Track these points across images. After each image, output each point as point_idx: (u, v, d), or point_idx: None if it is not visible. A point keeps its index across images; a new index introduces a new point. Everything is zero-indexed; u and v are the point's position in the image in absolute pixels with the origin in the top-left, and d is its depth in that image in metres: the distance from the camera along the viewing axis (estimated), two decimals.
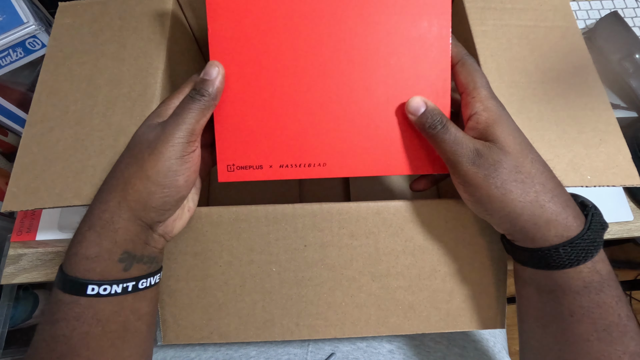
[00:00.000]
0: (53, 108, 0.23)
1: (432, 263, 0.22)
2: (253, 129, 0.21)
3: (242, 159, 0.21)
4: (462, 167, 0.18)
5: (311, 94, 0.21)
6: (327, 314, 0.23)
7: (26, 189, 0.21)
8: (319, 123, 0.21)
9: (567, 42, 0.24)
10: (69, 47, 0.25)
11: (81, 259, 0.17)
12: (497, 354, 0.31)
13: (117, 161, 0.19)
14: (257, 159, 0.21)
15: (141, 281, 0.18)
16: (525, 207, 0.17)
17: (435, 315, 0.23)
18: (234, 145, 0.21)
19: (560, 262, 0.17)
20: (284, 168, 0.21)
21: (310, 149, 0.21)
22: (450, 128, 0.19)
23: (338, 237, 0.22)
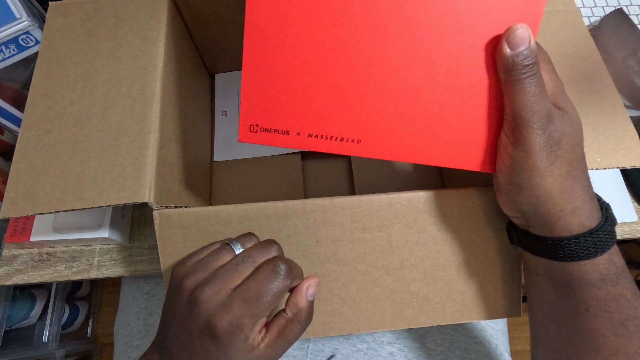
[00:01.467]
0: (49, 110, 0.23)
1: (446, 254, 0.23)
2: (285, 90, 0.19)
3: (268, 120, 0.19)
4: (528, 128, 0.16)
5: (355, 62, 0.18)
6: (342, 310, 0.23)
7: (25, 195, 0.21)
8: (360, 94, 0.19)
9: (569, 26, 0.25)
10: (62, 47, 0.25)
11: None
12: (500, 355, 0.32)
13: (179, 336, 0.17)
14: (285, 122, 0.19)
15: None
16: (561, 190, 0.17)
17: (451, 307, 0.23)
18: (261, 103, 0.19)
19: (579, 254, 0.17)
20: (312, 138, 0.19)
21: (346, 122, 0.19)
22: (540, 80, 0.17)
23: (350, 232, 0.22)
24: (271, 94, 0.19)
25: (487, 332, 0.33)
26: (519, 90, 0.17)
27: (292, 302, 0.18)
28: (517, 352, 0.89)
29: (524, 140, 0.17)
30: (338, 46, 0.18)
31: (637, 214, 0.34)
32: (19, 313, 0.63)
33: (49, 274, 0.31)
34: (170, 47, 0.26)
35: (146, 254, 0.32)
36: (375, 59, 0.18)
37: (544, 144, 0.17)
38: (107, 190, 0.21)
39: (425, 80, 0.18)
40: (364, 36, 0.18)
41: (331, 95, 0.19)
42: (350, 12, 0.18)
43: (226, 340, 0.16)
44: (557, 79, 0.18)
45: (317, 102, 0.19)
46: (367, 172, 0.35)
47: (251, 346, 0.17)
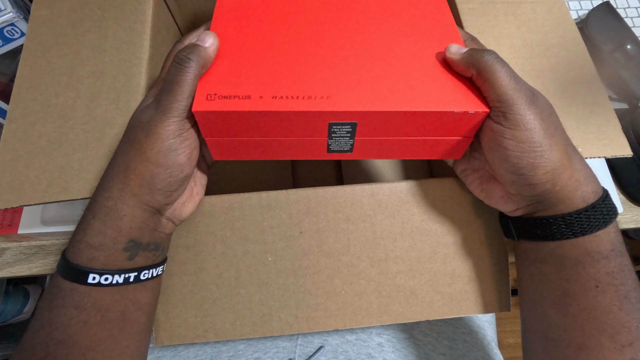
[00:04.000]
0: (34, 102, 0.25)
1: (431, 245, 0.24)
2: (243, 58, 0.19)
3: (226, 88, 0.18)
4: (520, 106, 0.17)
5: (315, 21, 0.20)
6: (327, 304, 0.24)
7: (10, 186, 0.22)
8: (321, 56, 0.19)
9: (554, 16, 0.26)
10: (47, 39, 0.27)
11: (85, 247, 0.18)
12: (486, 345, 0.33)
13: (117, 147, 0.20)
14: (245, 88, 0.18)
15: (143, 272, 0.19)
16: (570, 159, 0.18)
17: (439, 300, 0.24)
18: (217, 73, 0.19)
19: (597, 223, 0.18)
20: (277, 99, 0.18)
21: (312, 80, 0.18)
22: (506, 63, 0.18)
23: (334, 222, 0.24)
24: (228, 64, 0.19)
25: (475, 323, 0.34)
26: (494, 73, 0.18)
27: None
28: (510, 345, 0.91)
29: (521, 119, 0.17)
30: (296, 8, 0.20)
31: (622, 206, 0.35)
32: (12, 309, 0.65)
33: (38, 267, 0.32)
34: (155, 39, 0.28)
35: None
36: (330, 32, 0.20)
37: (540, 118, 0.17)
38: (92, 182, 0.22)
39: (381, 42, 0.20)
40: (316, 22, 0.20)
41: (294, 58, 0.19)
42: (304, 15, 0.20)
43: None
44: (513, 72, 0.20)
45: (278, 67, 0.19)
46: (356, 163, 0.37)
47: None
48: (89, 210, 0.18)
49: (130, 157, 0.18)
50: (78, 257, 0.18)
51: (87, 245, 0.18)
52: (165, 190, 0.19)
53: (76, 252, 0.18)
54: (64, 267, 0.18)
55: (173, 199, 0.20)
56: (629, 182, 0.36)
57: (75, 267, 0.18)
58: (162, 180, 0.18)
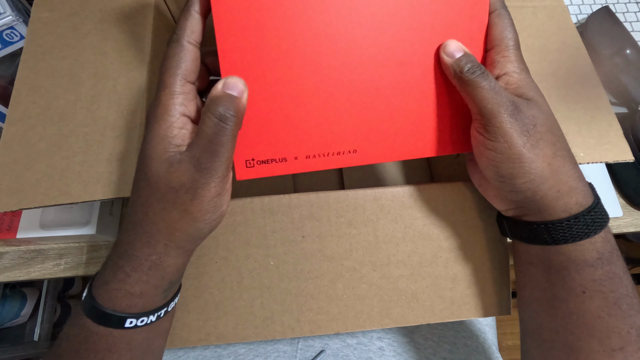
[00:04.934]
0: (34, 105, 0.25)
1: (432, 249, 0.24)
2: (273, 119, 0.20)
3: (262, 152, 0.20)
4: (499, 119, 0.18)
5: (335, 79, 0.20)
6: (329, 308, 0.24)
7: (9, 190, 0.22)
8: (346, 108, 0.20)
9: (555, 21, 0.27)
10: (47, 41, 0.27)
11: (124, 295, 0.18)
12: (487, 349, 0.34)
13: (141, 201, 0.18)
14: (280, 150, 0.20)
15: (170, 305, 0.20)
16: (554, 171, 0.18)
17: (440, 304, 0.25)
18: (251, 137, 0.20)
19: (579, 233, 0.18)
20: (311, 159, 0.20)
21: (339, 136, 0.20)
22: (490, 75, 0.19)
23: (336, 227, 0.24)
24: (260, 125, 0.20)
25: (475, 327, 0.35)
26: (475, 88, 0.19)
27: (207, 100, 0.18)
28: (508, 347, 0.91)
29: (499, 131, 0.18)
30: (315, 76, 0.20)
31: (622, 210, 0.36)
32: (9, 312, 0.66)
33: (37, 271, 0.32)
34: (156, 42, 0.28)
35: None
36: (351, 78, 0.20)
37: (520, 130, 0.18)
38: (93, 185, 0.22)
39: (402, 81, 0.21)
40: (337, 60, 0.20)
41: (320, 116, 0.20)
42: (318, 30, 0.19)
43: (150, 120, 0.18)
44: (522, 70, 0.20)
45: (307, 125, 0.20)
46: (357, 168, 0.37)
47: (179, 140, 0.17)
48: (127, 263, 0.18)
49: (174, 218, 0.18)
50: (116, 305, 0.18)
51: (126, 294, 0.18)
52: (207, 236, 0.20)
53: (113, 299, 0.18)
54: (97, 313, 0.17)
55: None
56: (628, 186, 0.37)
57: (112, 313, 0.17)
58: (207, 230, 0.19)
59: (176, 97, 0.17)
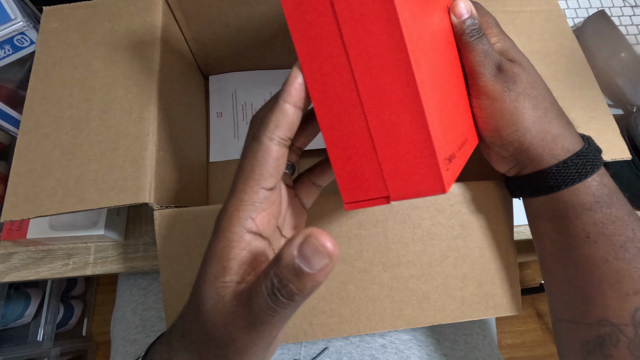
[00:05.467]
0: (47, 114, 0.25)
1: (441, 249, 0.25)
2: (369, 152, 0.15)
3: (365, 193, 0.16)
4: (483, 78, 0.20)
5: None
6: (341, 310, 0.25)
7: (26, 198, 0.23)
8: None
9: (552, 24, 0.28)
10: (58, 51, 0.27)
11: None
12: (487, 346, 0.34)
13: (186, 342, 0.16)
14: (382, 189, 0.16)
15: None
16: (535, 121, 0.20)
17: (451, 304, 0.25)
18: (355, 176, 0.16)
19: (571, 177, 0.19)
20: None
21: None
22: (485, 39, 0.20)
23: (346, 228, 0.24)
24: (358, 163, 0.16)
25: (475, 324, 0.36)
26: (470, 50, 0.20)
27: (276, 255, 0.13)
28: (508, 346, 0.92)
29: (483, 89, 0.20)
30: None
31: None
32: (13, 312, 0.66)
33: (45, 271, 0.33)
34: (165, 50, 0.29)
35: (141, 250, 0.34)
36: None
37: (501, 87, 0.20)
38: (108, 192, 0.23)
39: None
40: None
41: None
42: None
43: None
44: (505, 39, 0.22)
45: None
46: None
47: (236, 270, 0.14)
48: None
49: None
50: None
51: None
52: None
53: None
54: None
55: None
56: (624, 187, 0.38)
57: None
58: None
59: (244, 209, 0.14)
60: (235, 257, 0.14)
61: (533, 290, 0.88)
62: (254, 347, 0.14)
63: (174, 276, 0.24)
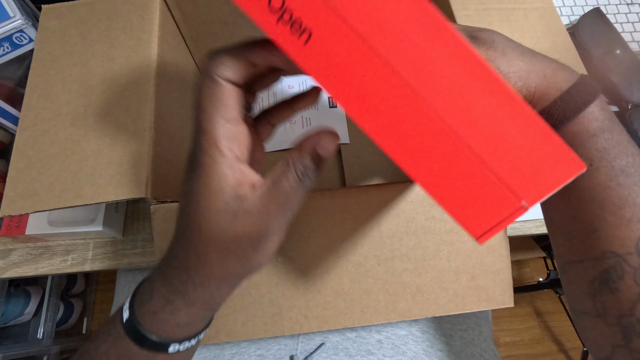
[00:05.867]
0: (45, 111, 0.26)
1: (435, 243, 0.25)
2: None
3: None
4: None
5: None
6: (336, 303, 0.25)
7: (24, 193, 0.23)
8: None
9: (546, 22, 0.28)
10: (56, 49, 0.28)
11: (172, 325, 0.18)
12: (483, 342, 0.34)
13: (194, 249, 0.17)
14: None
15: (209, 326, 0.20)
16: (530, 62, 0.20)
17: (444, 297, 0.26)
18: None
19: (576, 105, 0.19)
20: None
21: None
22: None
23: (341, 222, 0.25)
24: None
25: (471, 319, 0.36)
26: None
27: (293, 148, 0.16)
28: (506, 344, 0.92)
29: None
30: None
31: None
32: (13, 310, 0.67)
33: (44, 267, 0.33)
34: (162, 47, 0.29)
35: (140, 246, 0.34)
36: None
37: (485, 48, 0.20)
38: (105, 187, 0.23)
39: None
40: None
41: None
42: None
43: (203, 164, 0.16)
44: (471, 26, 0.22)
45: None
46: (357, 166, 0.38)
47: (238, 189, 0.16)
48: (179, 299, 0.18)
49: (232, 265, 0.17)
50: (162, 332, 0.18)
51: (174, 324, 0.18)
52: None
53: (160, 328, 0.18)
54: (142, 338, 0.18)
55: None
56: None
57: (158, 341, 0.18)
58: (259, 270, 0.19)
59: (221, 143, 0.16)
60: (234, 184, 0.16)
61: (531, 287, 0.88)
62: (274, 238, 0.17)
63: None
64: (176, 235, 0.18)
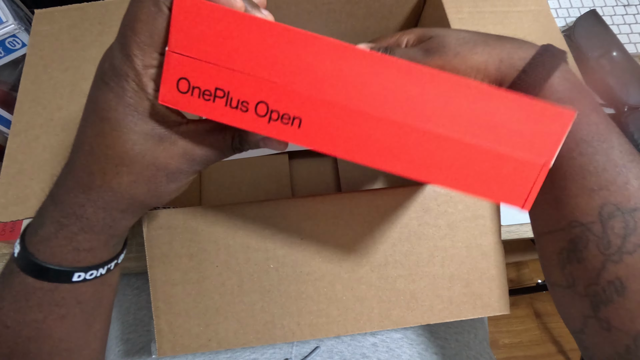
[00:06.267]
0: (37, 116, 0.26)
1: (428, 248, 0.25)
2: None
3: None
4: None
5: None
6: (329, 310, 0.25)
7: (16, 199, 0.23)
8: None
9: (540, 24, 0.28)
10: (48, 54, 0.28)
11: (70, 251, 0.17)
12: (478, 344, 0.34)
13: (100, 167, 0.16)
14: None
15: (120, 256, 0.19)
16: (483, 52, 0.19)
17: (439, 304, 0.25)
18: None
19: (534, 81, 0.18)
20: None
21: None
22: (396, 50, 0.22)
23: (334, 228, 0.25)
24: None
25: (467, 322, 0.36)
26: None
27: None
28: (505, 345, 0.92)
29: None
30: None
31: None
32: None
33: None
34: None
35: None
36: None
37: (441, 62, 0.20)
38: None
39: None
40: None
41: None
42: None
43: (107, 76, 0.15)
44: (413, 30, 0.23)
45: None
46: (353, 171, 0.38)
47: (166, 117, 0.15)
48: (75, 223, 0.16)
49: (141, 192, 0.17)
50: (61, 260, 0.17)
51: (73, 249, 0.17)
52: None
53: (57, 255, 0.17)
54: (37, 268, 0.17)
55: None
56: None
57: (56, 268, 0.17)
58: (166, 203, 0.18)
59: (150, 71, 0.15)
60: (164, 112, 0.16)
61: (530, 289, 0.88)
62: (188, 177, 0.17)
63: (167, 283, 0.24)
64: (76, 152, 0.16)
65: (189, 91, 0.14)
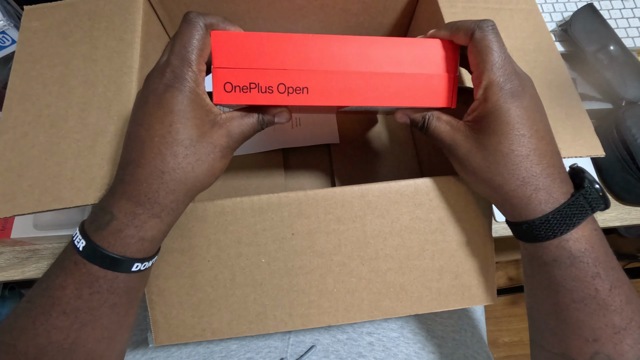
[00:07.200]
0: (25, 113, 0.25)
1: (419, 242, 0.25)
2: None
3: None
4: (451, 155, 0.22)
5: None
6: (320, 302, 0.25)
7: (3, 196, 0.22)
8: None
9: (530, 23, 0.28)
10: (38, 50, 0.27)
11: (137, 241, 0.18)
12: (475, 343, 0.34)
13: (172, 151, 0.19)
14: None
15: (158, 252, 0.21)
16: (511, 172, 0.19)
17: (427, 295, 0.25)
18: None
19: (540, 235, 0.19)
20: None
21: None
22: (432, 123, 0.22)
23: (325, 223, 0.24)
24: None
25: (464, 321, 0.35)
26: (425, 133, 0.23)
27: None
28: (505, 344, 0.92)
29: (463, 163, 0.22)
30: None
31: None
32: (8, 313, 0.66)
33: (31, 270, 0.33)
34: (146, 48, 0.28)
35: None
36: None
37: (477, 154, 0.22)
38: (85, 190, 0.23)
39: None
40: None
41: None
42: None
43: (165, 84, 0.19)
44: (491, 96, 0.20)
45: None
46: (347, 165, 0.37)
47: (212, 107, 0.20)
48: (148, 211, 0.18)
49: (203, 172, 0.20)
50: (127, 250, 0.18)
51: (139, 239, 0.18)
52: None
53: (125, 245, 0.18)
54: (106, 259, 0.18)
55: None
56: (614, 181, 0.37)
57: (123, 258, 0.18)
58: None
59: (202, 74, 0.20)
60: (207, 101, 0.20)
61: None
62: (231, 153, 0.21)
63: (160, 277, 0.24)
64: (141, 149, 0.19)
65: (232, 90, 0.20)
